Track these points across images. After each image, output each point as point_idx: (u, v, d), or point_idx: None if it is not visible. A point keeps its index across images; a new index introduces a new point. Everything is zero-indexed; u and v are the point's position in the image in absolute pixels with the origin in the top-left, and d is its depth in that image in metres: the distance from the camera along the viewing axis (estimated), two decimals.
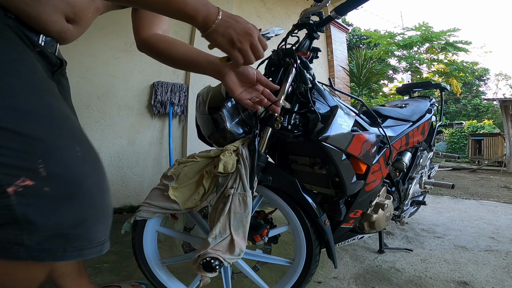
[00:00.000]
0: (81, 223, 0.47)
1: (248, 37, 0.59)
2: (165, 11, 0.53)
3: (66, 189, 0.45)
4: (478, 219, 2.23)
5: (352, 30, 13.67)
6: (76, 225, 0.46)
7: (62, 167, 0.45)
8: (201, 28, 0.57)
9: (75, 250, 0.47)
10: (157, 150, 2.54)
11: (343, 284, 1.19)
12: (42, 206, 0.43)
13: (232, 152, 0.82)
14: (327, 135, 0.84)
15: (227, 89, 0.72)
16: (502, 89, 26.79)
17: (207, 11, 0.55)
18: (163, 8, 0.52)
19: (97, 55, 2.25)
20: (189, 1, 0.53)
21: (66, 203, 0.45)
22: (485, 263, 1.40)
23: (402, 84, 4.69)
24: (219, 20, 0.56)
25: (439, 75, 9.71)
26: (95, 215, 0.49)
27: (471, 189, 3.95)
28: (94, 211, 0.48)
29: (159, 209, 0.86)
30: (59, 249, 0.46)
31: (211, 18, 0.55)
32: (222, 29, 0.56)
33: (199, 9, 0.54)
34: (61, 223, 0.45)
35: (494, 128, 12.75)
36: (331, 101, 0.95)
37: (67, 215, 0.45)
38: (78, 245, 0.47)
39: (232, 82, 0.70)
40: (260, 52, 0.62)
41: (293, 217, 0.89)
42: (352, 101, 4.24)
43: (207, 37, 0.58)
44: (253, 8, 3.27)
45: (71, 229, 0.46)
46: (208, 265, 0.75)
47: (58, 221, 0.45)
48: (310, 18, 0.93)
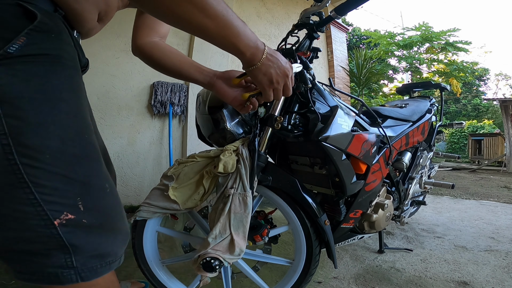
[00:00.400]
0: (110, 244, 0.57)
1: (285, 78, 0.63)
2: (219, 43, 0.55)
3: (99, 220, 0.54)
4: (478, 219, 2.24)
5: (352, 30, 13.67)
6: (107, 245, 0.56)
7: (96, 203, 0.54)
8: (246, 64, 0.60)
9: (107, 265, 0.56)
10: (157, 150, 2.54)
11: (343, 284, 1.19)
12: (82, 233, 0.52)
13: (232, 152, 0.82)
14: (327, 135, 0.84)
15: (219, 97, 0.75)
16: (502, 89, 26.80)
17: (255, 49, 0.57)
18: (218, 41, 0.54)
19: (97, 55, 2.25)
20: (242, 38, 0.55)
21: (99, 230, 0.55)
22: (485, 263, 1.40)
23: (402, 84, 4.69)
24: (264, 59, 0.59)
25: (439, 75, 9.70)
26: (119, 235, 0.59)
27: (471, 189, 3.95)
28: (118, 232, 0.59)
29: (159, 209, 0.86)
30: (97, 266, 0.55)
31: (257, 57, 0.58)
32: (265, 68, 0.60)
33: (250, 47, 0.56)
34: (97, 245, 0.54)
35: (494, 128, 12.74)
36: (331, 101, 0.95)
37: (101, 238, 0.55)
38: (109, 260, 0.57)
39: (223, 90, 0.73)
40: (290, 91, 0.66)
41: (293, 217, 0.89)
42: (352, 101, 4.24)
43: (249, 73, 0.61)
44: (253, 8, 3.26)
45: (104, 249, 0.55)
46: (208, 265, 0.75)
47: (95, 244, 0.54)
48: (310, 18, 0.93)
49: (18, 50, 0.45)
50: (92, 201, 0.53)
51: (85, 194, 0.52)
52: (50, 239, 0.49)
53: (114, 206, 0.58)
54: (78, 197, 0.51)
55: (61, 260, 0.51)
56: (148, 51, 0.78)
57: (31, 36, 0.46)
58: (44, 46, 0.48)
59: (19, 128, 0.45)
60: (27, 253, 0.51)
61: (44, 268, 0.51)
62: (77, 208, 0.51)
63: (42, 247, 0.50)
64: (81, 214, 0.51)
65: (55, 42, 0.50)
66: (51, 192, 0.48)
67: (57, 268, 0.51)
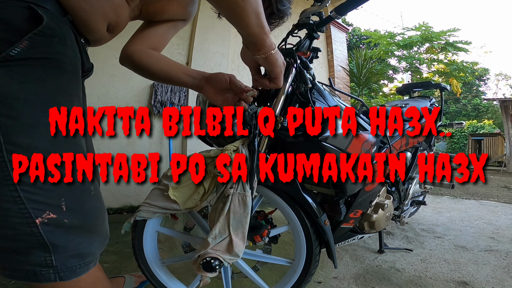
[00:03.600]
0: (89, 244, 0.59)
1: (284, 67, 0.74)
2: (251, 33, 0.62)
3: (80, 220, 0.56)
4: (478, 219, 2.24)
5: (352, 30, 13.66)
6: (86, 246, 0.58)
7: (79, 204, 0.56)
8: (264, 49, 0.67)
9: (85, 265, 0.59)
10: (157, 150, 2.54)
11: (343, 284, 1.19)
12: (63, 233, 0.54)
13: (232, 152, 0.82)
14: (327, 135, 0.84)
15: (209, 100, 0.77)
16: (502, 89, 26.77)
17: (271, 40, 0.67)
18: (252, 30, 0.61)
19: (97, 55, 2.25)
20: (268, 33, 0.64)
21: (80, 230, 0.56)
22: (485, 263, 1.40)
23: (402, 84, 4.69)
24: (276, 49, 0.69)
25: (439, 75, 9.70)
26: (99, 236, 0.61)
27: (471, 189, 3.95)
28: (98, 234, 0.61)
29: (159, 209, 0.86)
30: (76, 266, 0.57)
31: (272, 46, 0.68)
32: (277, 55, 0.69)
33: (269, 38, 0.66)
34: (77, 245, 0.56)
35: (494, 128, 12.74)
36: (331, 101, 0.96)
37: (81, 239, 0.57)
38: (88, 260, 0.59)
39: (211, 92, 0.76)
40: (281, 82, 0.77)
41: (293, 217, 0.89)
42: (352, 101, 4.25)
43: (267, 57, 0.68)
44: None
45: (83, 249, 0.57)
46: (208, 265, 0.75)
47: (75, 244, 0.56)
48: (310, 18, 0.93)
49: (20, 53, 0.47)
50: (75, 202, 0.55)
51: (69, 195, 0.54)
52: (30, 238, 0.51)
53: (96, 209, 0.61)
54: (62, 197, 0.53)
55: (40, 258, 0.52)
56: (137, 58, 0.79)
57: (34, 40, 0.48)
58: (45, 50, 0.50)
59: (11, 127, 0.47)
60: (7, 251, 0.52)
61: (23, 266, 0.52)
62: (60, 208, 0.53)
63: (23, 245, 0.51)
64: (63, 214, 0.53)
65: (57, 46, 0.52)
66: (35, 191, 0.50)
67: (35, 267, 0.52)
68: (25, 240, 0.51)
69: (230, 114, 0.85)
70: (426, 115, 1.53)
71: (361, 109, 1.28)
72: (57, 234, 0.53)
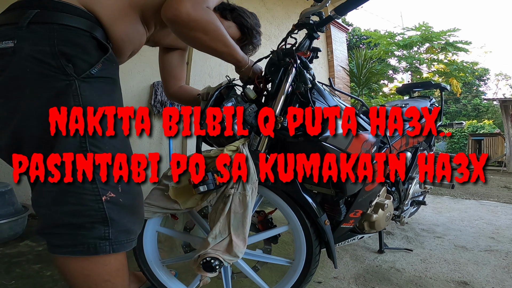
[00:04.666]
0: (133, 223, 0.69)
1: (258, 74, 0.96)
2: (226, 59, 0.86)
3: (129, 201, 0.68)
4: (478, 219, 2.23)
5: (352, 30, 13.65)
6: (131, 224, 0.68)
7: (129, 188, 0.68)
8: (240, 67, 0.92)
9: (130, 241, 0.68)
10: (157, 150, 2.54)
11: (343, 284, 1.19)
12: (118, 210, 0.65)
13: (232, 152, 0.82)
14: (327, 135, 0.84)
15: None
16: (502, 89, 26.72)
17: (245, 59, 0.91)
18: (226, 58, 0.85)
19: None
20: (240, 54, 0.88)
21: (128, 210, 0.67)
22: (485, 263, 1.40)
23: (402, 84, 4.70)
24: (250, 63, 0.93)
25: (439, 75, 9.70)
26: (138, 218, 0.72)
27: (471, 189, 3.95)
28: (138, 215, 0.72)
29: (159, 209, 0.86)
30: (124, 240, 0.66)
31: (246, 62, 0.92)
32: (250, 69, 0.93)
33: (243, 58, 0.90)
34: (126, 222, 0.66)
35: (494, 128, 12.73)
36: (331, 101, 0.96)
37: (128, 217, 0.67)
38: (132, 237, 0.69)
39: None
40: None
41: (293, 217, 0.89)
42: (352, 101, 4.25)
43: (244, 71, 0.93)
44: (253, 8, 3.24)
45: (129, 227, 0.68)
46: (208, 265, 0.75)
47: (125, 221, 0.66)
48: (310, 18, 0.93)
49: (97, 73, 0.64)
50: (127, 186, 0.67)
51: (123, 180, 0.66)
52: (96, 213, 0.62)
53: (139, 194, 0.72)
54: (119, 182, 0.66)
55: (101, 232, 0.62)
56: (181, 96, 1.13)
57: (105, 63, 0.66)
58: (110, 72, 0.69)
59: None
60: (74, 227, 0.61)
61: (87, 239, 0.61)
62: (117, 189, 0.65)
63: (89, 220, 0.61)
64: (119, 194, 0.65)
65: (115, 69, 0.72)
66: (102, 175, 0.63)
67: (96, 239, 0.62)
68: (92, 215, 0.61)
69: (230, 114, 0.85)
70: (426, 115, 1.53)
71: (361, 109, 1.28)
72: (115, 210, 0.64)
